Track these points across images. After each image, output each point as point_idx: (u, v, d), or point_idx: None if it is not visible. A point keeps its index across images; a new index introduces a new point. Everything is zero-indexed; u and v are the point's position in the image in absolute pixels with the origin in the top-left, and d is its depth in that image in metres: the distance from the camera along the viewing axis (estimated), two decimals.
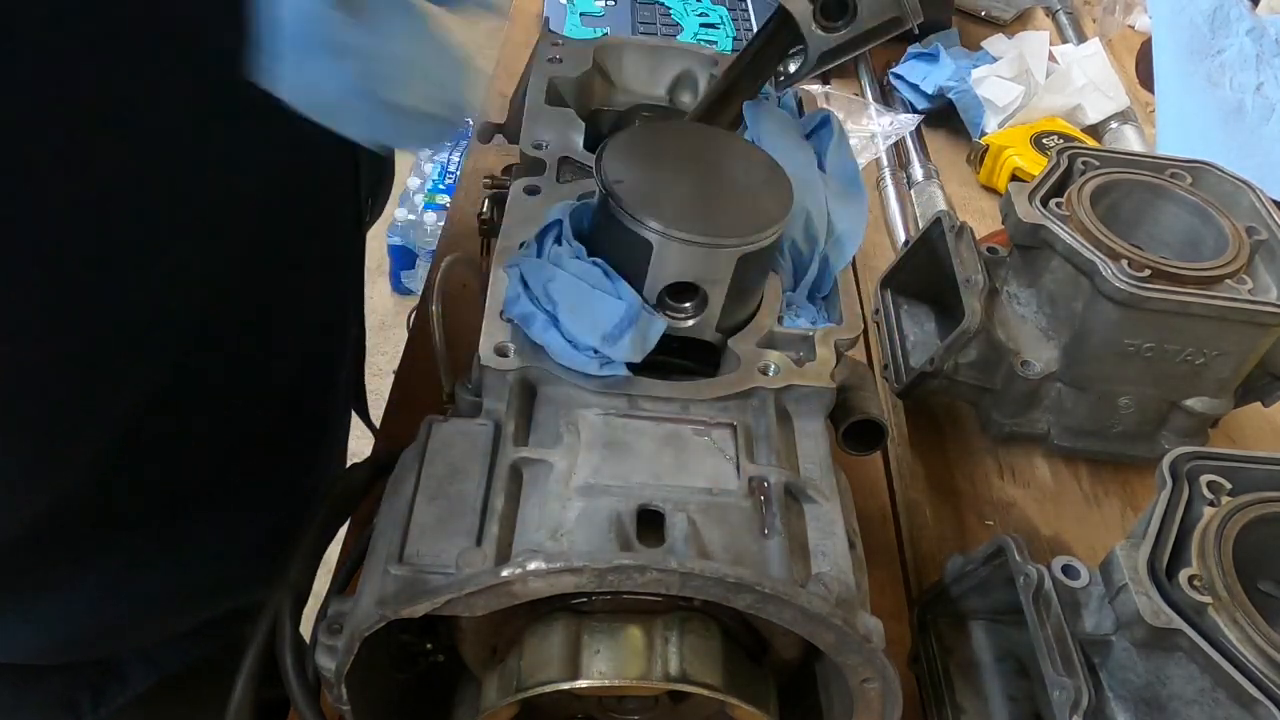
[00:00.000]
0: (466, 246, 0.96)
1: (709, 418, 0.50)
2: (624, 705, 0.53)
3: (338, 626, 0.47)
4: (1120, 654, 0.52)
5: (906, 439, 0.84)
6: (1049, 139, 1.15)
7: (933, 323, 0.87)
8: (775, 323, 0.54)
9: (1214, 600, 0.49)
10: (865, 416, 0.57)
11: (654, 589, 0.42)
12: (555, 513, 0.45)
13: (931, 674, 0.61)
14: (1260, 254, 0.76)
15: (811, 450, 0.51)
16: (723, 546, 0.45)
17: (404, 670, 0.54)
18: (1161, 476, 0.55)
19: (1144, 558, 0.50)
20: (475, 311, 0.53)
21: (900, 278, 0.89)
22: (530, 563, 0.41)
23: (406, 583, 0.43)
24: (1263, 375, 0.78)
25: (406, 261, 2.44)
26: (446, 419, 0.51)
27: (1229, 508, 0.53)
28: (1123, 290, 0.70)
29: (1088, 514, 0.80)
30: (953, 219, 0.83)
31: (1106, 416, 0.79)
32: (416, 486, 0.47)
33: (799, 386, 0.52)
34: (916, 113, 1.25)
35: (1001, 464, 0.83)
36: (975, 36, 1.41)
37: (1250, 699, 0.46)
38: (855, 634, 0.43)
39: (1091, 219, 0.74)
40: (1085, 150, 0.82)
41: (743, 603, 0.42)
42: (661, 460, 0.48)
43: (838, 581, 0.44)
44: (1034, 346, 0.78)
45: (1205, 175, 0.81)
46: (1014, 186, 0.78)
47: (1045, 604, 0.53)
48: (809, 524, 0.48)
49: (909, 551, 0.75)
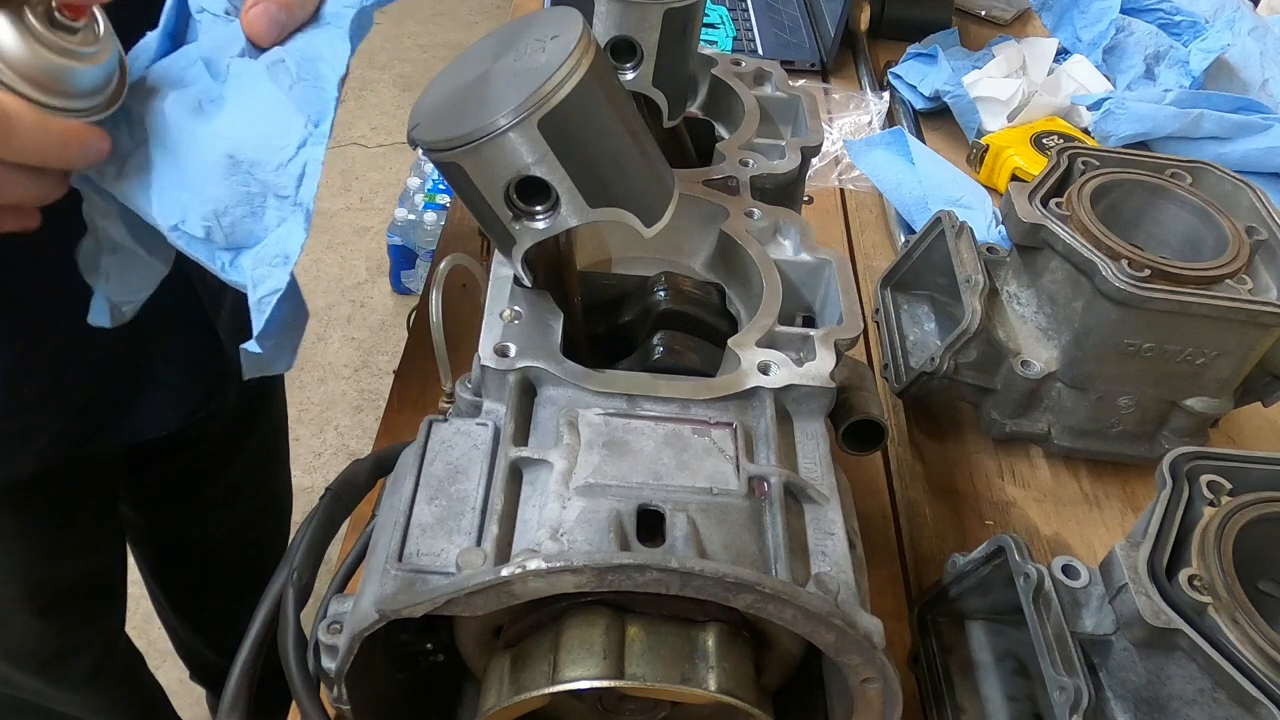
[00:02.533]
0: (466, 246, 0.96)
1: (709, 418, 0.50)
2: (623, 706, 0.53)
3: (338, 626, 0.47)
4: (1120, 654, 0.52)
5: (906, 439, 0.84)
6: (1049, 139, 1.15)
7: (933, 323, 0.88)
8: (775, 323, 0.54)
9: (1214, 600, 0.49)
10: (865, 416, 0.57)
11: (654, 589, 0.42)
12: (555, 512, 0.45)
13: (931, 674, 0.61)
14: (1260, 254, 0.76)
15: (811, 450, 0.51)
16: (723, 546, 0.45)
17: (404, 670, 0.54)
18: (1161, 476, 0.55)
19: (1144, 558, 0.50)
20: (475, 311, 0.54)
21: (900, 278, 0.89)
22: (530, 562, 0.41)
23: (406, 583, 0.43)
24: (1263, 375, 0.78)
25: (406, 261, 2.44)
26: (446, 419, 0.51)
27: (1229, 508, 0.53)
28: (1123, 290, 0.70)
29: (1088, 514, 0.80)
30: (953, 219, 0.83)
31: (1106, 416, 0.79)
32: (416, 486, 0.47)
33: (799, 386, 0.52)
34: (915, 112, 1.25)
35: (1001, 464, 0.83)
36: (975, 36, 1.41)
37: (1250, 699, 0.46)
38: (855, 634, 0.43)
39: (1091, 219, 0.74)
40: (1085, 150, 0.82)
41: (743, 603, 0.42)
42: (661, 460, 0.48)
43: (838, 581, 0.44)
44: (1034, 346, 0.78)
45: (1205, 175, 0.81)
46: (1014, 186, 0.78)
47: (1045, 604, 0.53)
48: (809, 524, 0.48)
49: (909, 551, 0.75)
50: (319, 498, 0.57)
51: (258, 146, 0.49)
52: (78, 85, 0.46)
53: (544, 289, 0.55)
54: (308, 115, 0.49)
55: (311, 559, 0.54)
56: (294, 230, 0.49)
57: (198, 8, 0.51)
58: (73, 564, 0.98)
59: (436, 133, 0.46)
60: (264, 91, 0.49)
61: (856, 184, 1.15)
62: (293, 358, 0.53)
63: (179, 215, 0.50)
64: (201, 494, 1.15)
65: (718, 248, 0.62)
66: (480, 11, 3.68)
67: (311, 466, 2.10)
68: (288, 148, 0.49)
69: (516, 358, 0.51)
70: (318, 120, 0.49)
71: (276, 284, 0.50)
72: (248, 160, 0.49)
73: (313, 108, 0.49)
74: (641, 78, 0.61)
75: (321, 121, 0.49)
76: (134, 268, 0.56)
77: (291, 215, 0.49)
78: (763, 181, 0.65)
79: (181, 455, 1.07)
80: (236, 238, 0.50)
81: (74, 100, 0.47)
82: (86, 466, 0.92)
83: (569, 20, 0.47)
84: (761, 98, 0.73)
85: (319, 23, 0.51)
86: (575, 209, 0.48)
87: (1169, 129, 1.15)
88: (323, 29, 0.51)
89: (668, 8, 0.59)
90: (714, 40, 1.35)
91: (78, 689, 1.10)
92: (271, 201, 0.50)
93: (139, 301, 0.59)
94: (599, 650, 0.45)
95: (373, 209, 2.75)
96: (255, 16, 0.49)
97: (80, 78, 0.46)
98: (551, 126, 0.45)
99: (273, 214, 0.50)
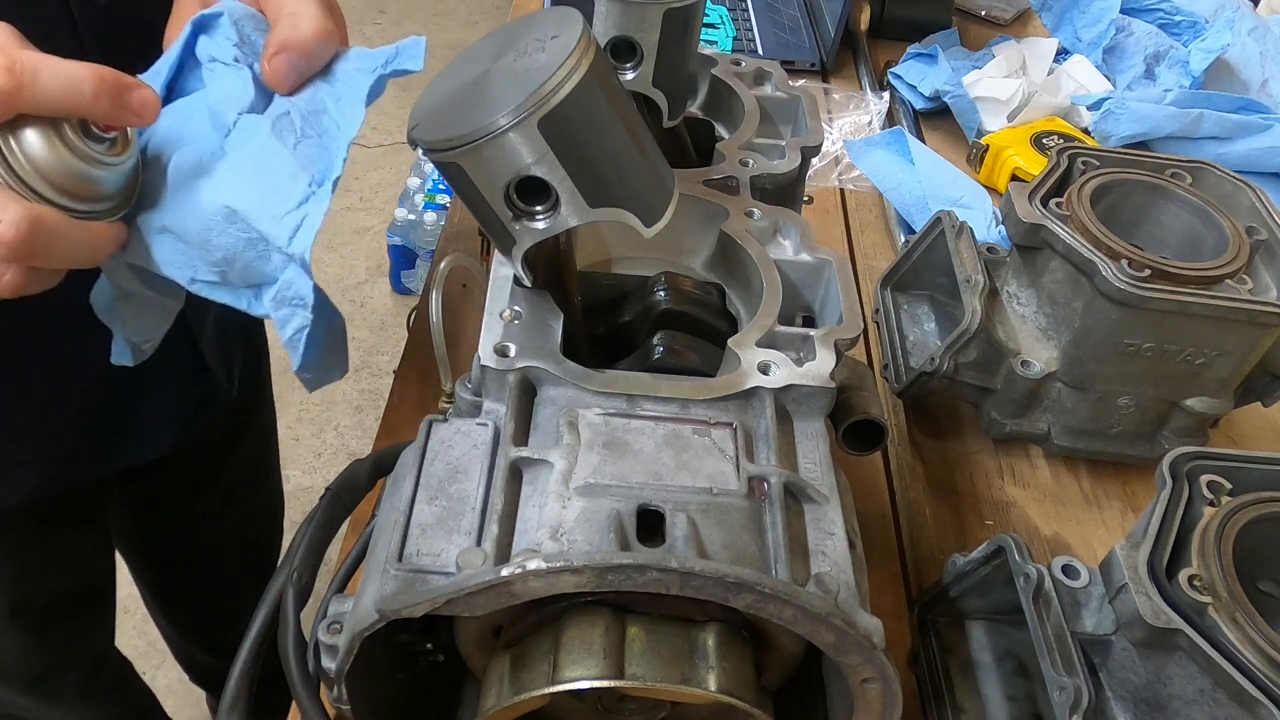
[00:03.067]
0: (466, 246, 0.96)
1: (709, 418, 0.50)
2: (623, 706, 0.53)
3: (338, 626, 0.47)
4: (1120, 654, 0.52)
5: (906, 439, 0.84)
6: (1049, 139, 1.15)
7: (933, 323, 0.88)
8: (775, 323, 0.54)
9: (1214, 600, 0.49)
10: (865, 416, 0.57)
11: (654, 589, 0.42)
12: (555, 512, 0.45)
13: (931, 674, 0.61)
14: (1260, 254, 0.76)
15: (811, 450, 0.51)
16: (723, 546, 0.45)
17: (404, 670, 0.54)
18: (1161, 476, 0.55)
19: (1144, 558, 0.50)
20: (475, 311, 0.54)
21: (900, 278, 0.89)
22: (530, 562, 0.41)
23: (406, 583, 0.43)
24: (1263, 375, 0.78)
25: (406, 261, 2.44)
26: (446, 419, 0.51)
27: (1229, 508, 0.53)
28: (1122, 290, 0.70)
29: (1088, 514, 0.80)
30: (953, 219, 0.83)
31: (1106, 416, 0.79)
32: (416, 486, 0.47)
33: (799, 386, 0.52)
34: (915, 112, 1.25)
35: (1001, 464, 0.83)
36: (975, 36, 1.41)
37: (1250, 699, 0.46)
38: (855, 634, 0.43)
39: (1091, 219, 0.74)
40: (1085, 150, 0.82)
41: (743, 603, 0.42)
42: (661, 460, 0.48)
43: (838, 581, 0.44)
44: (1034, 346, 0.78)
45: (1205, 175, 0.81)
46: (1014, 186, 0.78)
47: (1045, 604, 0.53)
48: (809, 524, 0.48)
49: (909, 551, 0.75)
50: (319, 498, 0.57)
51: (257, 200, 0.49)
52: (106, 189, 0.47)
53: (544, 289, 0.55)
54: (312, 175, 0.49)
55: (311, 559, 0.54)
56: (299, 277, 0.50)
57: (208, 57, 0.52)
58: (61, 579, 0.97)
59: (436, 133, 0.46)
60: (267, 149, 0.50)
61: (856, 184, 1.15)
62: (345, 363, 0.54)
63: (190, 271, 0.51)
64: (194, 503, 1.14)
65: (718, 248, 0.62)
66: (480, 11, 3.68)
67: (311, 466, 2.10)
68: (288, 202, 0.49)
69: (516, 358, 0.51)
70: (321, 179, 0.49)
71: (301, 323, 0.50)
72: (244, 211, 0.49)
73: (317, 166, 0.50)
74: (641, 78, 0.61)
75: (325, 180, 0.49)
76: (149, 309, 0.57)
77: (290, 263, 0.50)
78: (763, 181, 0.65)
79: (173, 468, 1.06)
80: (252, 278, 0.51)
81: (102, 203, 0.48)
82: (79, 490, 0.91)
83: (569, 20, 0.47)
84: (761, 98, 0.73)
85: (329, 78, 0.52)
86: (575, 209, 0.48)
87: (1169, 129, 1.15)
88: (333, 85, 0.51)
89: (668, 8, 0.59)
90: (714, 40, 1.35)
91: (71, 705, 1.09)
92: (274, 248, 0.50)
93: (158, 338, 0.60)
94: (599, 650, 0.45)
95: (373, 209, 2.75)
96: (279, 64, 0.50)
97: (109, 183, 0.47)
98: (551, 126, 0.45)
99: (278, 258, 0.50)
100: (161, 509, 1.13)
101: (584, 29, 0.46)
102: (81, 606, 1.04)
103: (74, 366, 0.68)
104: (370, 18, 3.52)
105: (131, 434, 0.88)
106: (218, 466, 1.12)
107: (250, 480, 1.21)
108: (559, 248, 0.54)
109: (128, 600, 1.17)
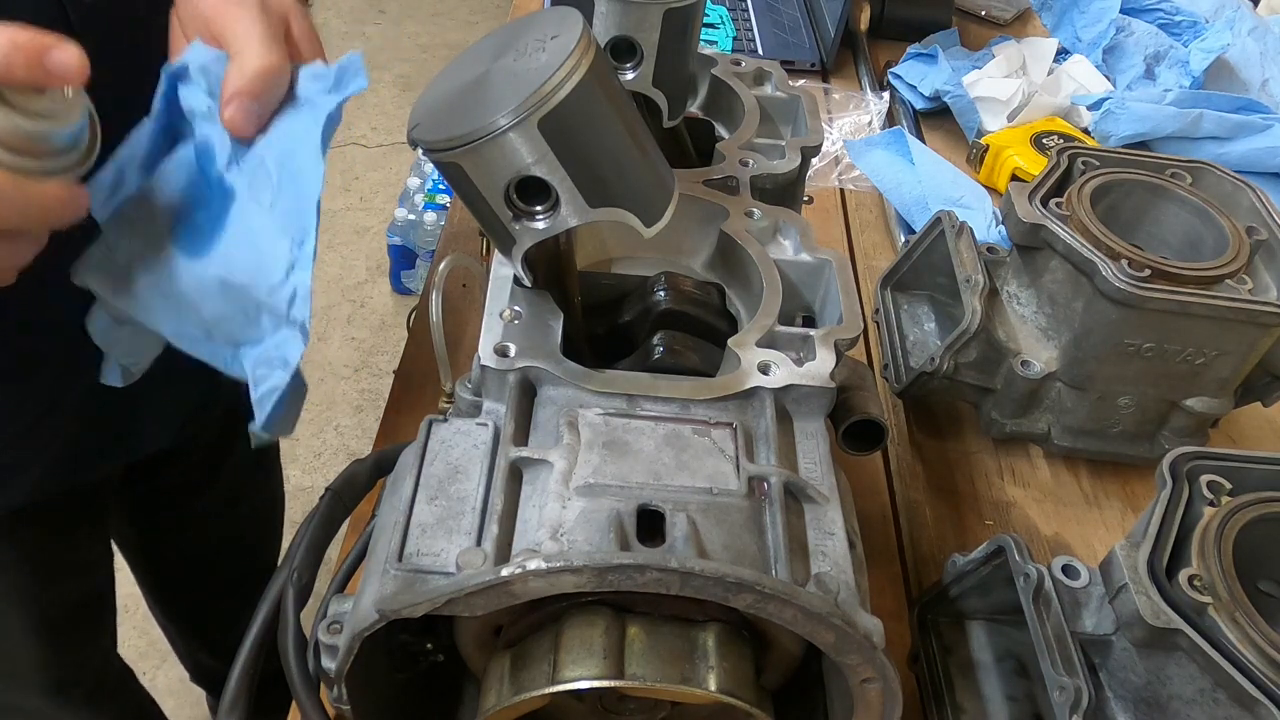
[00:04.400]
0: (466, 246, 0.96)
1: (709, 418, 0.50)
2: (623, 706, 0.53)
3: (338, 626, 0.47)
4: (1120, 654, 0.52)
5: (906, 439, 0.84)
6: (1049, 139, 1.15)
7: (933, 323, 0.88)
8: (775, 323, 0.54)
9: (1214, 600, 0.49)
10: (865, 416, 0.57)
11: (654, 589, 0.42)
12: (555, 512, 0.45)
13: (931, 674, 0.61)
14: (1260, 254, 0.76)
15: (811, 450, 0.51)
16: (723, 546, 0.45)
17: (404, 670, 0.54)
18: (1161, 476, 0.55)
19: (1144, 558, 0.50)
20: (475, 311, 0.54)
21: (900, 278, 0.89)
22: (530, 562, 0.41)
23: (406, 583, 0.43)
24: (1263, 375, 0.78)
25: (406, 261, 2.44)
26: (446, 419, 0.51)
27: (1229, 508, 0.53)
28: (1122, 290, 0.70)
29: (1088, 514, 0.80)
30: (953, 219, 0.83)
31: (1106, 416, 0.79)
32: (416, 486, 0.47)
33: (799, 386, 0.52)
34: (915, 112, 1.25)
35: (1001, 464, 0.83)
36: (975, 36, 1.41)
37: (1250, 699, 0.46)
38: (855, 634, 0.43)
39: (1091, 219, 0.74)
40: (1085, 150, 0.82)
41: (743, 603, 0.42)
42: (661, 460, 0.48)
43: (838, 581, 0.44)
44: (1034, 346, 0.78)
45: (1205, 175, 0.81)
46: (1014, 186, 0.78)
47: (1045, 604, 0.53)
48: (809, 524, 0.48)
49: (909, 551, 0.75)
50: (319, 498, 0.57)
51: (249, 274, 0.50)
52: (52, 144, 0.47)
53: (544, 289, 0.55)
54: (292, 237, 0.50)
55: (311, 559, 0.54)
56: (292, 340, 0.51)
57: (188, 108, 0.52)
58: (72, 585, 0.98)
59: (436, 133, 0.46)
60: (250, 216, 0.50)
61: (856, 184, 1.15)
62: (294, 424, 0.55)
63: (176, 326, 0.53)
64: (196, 503, 1.14)
65: (718, 248, 0.62)
66: (480, 11, 3.68)
67: (311, 466, 2.10)
68: (277, 273, 0.50)
69: (516, 358, 0.51)
70: (301, 240, 0.50)
71: (276, 383, 0.51)
72: (239, 284, 0.50)
73: (295, 227, 0.50)
74: (641, 78, 0.61)
75: (305, 241, 0.50)
76: (142, 337, 0.58)
77: (287, 327, 0.51)
78: (763, 181, 0.65)
79: (173, 466, 1.06)
80: (235, 337, 0.52)
81: (50, 160, 0.47)
82: (82, 488, 0.91)
83: (569, 20, 0.47)
84: (761, 98, 0.73)
85: (296, 105, 0.52)
86: (575, 209, 0.48)
87: (1169, 129, 1.15)
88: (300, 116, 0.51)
89: (668, 8, 0.59)
90: (714, 40, 1.35)
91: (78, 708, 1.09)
92: (266, 314, 0.51)
93: (147, 363, 0.61)
94: (599, 650, 0.45)
95: (373, 209, 2.75)
96: (232, 116, 0.50)
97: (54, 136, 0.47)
98: (551, 126, 0.45)
99: (269, 321, 0.51)
100: (162, 509, 1.14)
101: (584, 29, 0.46)
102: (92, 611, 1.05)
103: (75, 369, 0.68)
104: (370, 18, 3.53)
105: (132, 433, 0.88)
106: (218, 466, 1.13)
107: (250, 480, 1.21)
108: (559, 248, 0.54)
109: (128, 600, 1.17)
